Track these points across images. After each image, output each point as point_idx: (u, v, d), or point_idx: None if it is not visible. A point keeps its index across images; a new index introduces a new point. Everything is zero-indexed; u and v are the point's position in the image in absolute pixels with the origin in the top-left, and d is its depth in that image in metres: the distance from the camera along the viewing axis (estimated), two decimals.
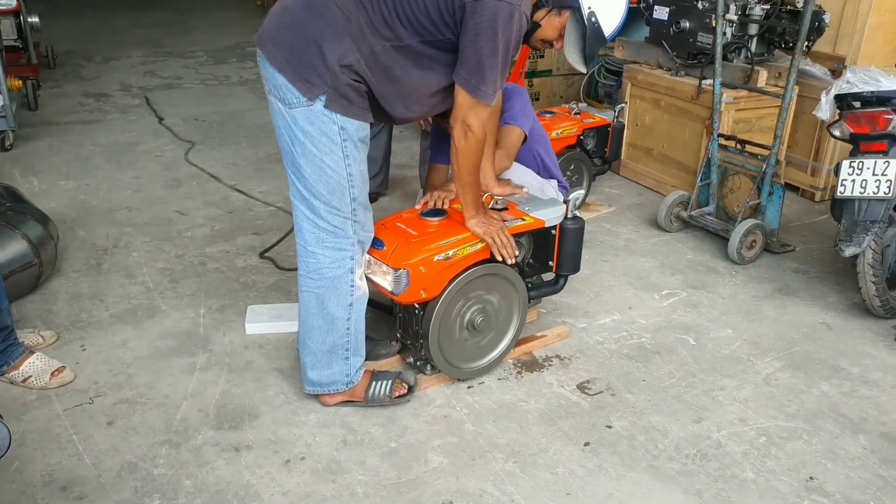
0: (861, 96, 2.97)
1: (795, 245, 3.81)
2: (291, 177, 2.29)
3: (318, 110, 2.16)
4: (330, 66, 2.12)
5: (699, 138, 4.15)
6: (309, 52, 2.12)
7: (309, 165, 2.22)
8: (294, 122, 2.19)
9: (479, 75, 2.16)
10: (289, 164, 2.28)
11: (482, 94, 2.19)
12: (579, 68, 2.46)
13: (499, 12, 2.09)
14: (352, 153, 2.23)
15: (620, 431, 2.46)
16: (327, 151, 2.20)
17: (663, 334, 3.03)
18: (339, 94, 2.15)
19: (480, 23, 2.10)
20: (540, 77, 5.49)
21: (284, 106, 2.19)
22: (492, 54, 2.14)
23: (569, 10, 2.32)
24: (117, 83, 6.80)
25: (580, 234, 2.69)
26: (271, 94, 2.23)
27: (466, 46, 2.15)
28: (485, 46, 2.13)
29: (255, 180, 4.56)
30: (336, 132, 2.19)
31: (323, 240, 2.30)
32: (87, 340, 2.89)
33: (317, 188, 2.23)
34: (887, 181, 2.89)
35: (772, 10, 3.91)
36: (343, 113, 2.18)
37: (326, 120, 2.17)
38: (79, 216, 3.98)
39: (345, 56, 2.13)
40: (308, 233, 2.31)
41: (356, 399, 2.51)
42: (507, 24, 2.12)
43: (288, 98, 2.17)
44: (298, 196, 2.29)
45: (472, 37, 2.12)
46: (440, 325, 2.50)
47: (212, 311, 3.12)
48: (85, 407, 2.51)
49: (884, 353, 2.94)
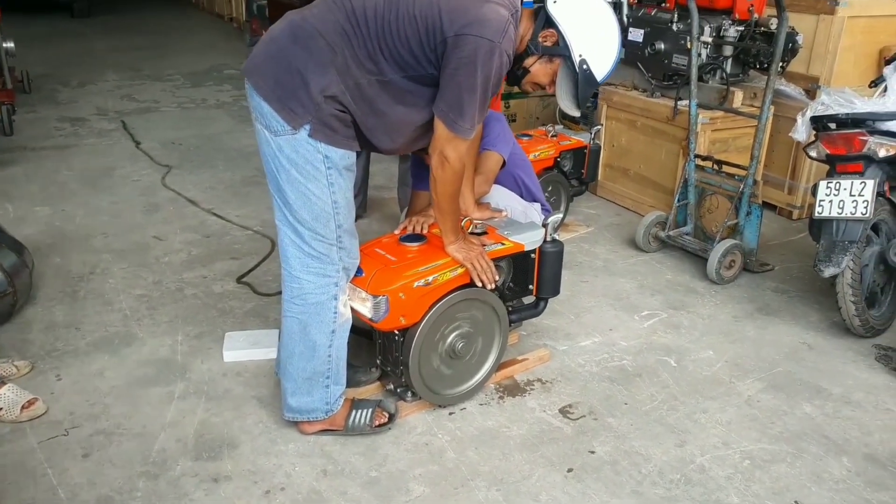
0: (836, 118, 3.00)
1: (774, 264, 3.83)
2: (277, 202, 2.29)
3: (302, 139, 2.16)
4: (313, 97, 2.14)
5: (676, 159, 4.18)
6: (293, 83, 2.14)
7: (294, 192, 2.22)
8: (279, 150, 2.20)
9: (458, 110, 2.17)
10: (274, 189, 2.28)
11: (459, 129, 2.19)
12: (572, 113, 2.43)
13: (479, 48, 2.10)
14: (336, 181, 2.23)
15: (604, 456, 2.44)
16: (312, 179, 2.20)
17: (644, 356, 3.03)
18: (322, 124, 2.16)
19: (461, 58, 2.10)
20: (516, 99, 5.51)
21: (270, 133, 2.20)
22: (471, 90, 2.14)
23: (559, 57, 2.32)
24: (93, 107, 6.75)
25: (560, 258, 2.68)
26: (258, 121, 2.24)
27: (446, 80, 2.16)
28: (464, 81, 2.13)
29: (233, 204, 4.52)
30: (320, 160, 2.19)
31: (308, 265, 2.30)
32: (63, 370, 2.83)
33: (301, 214, 2.24)
34: (864, 202, 2.91)
35: (746, 31, 3.96)
36: (327, 142, 2.18)
37: (311, 148, 2.17)
38: (55, 243, 3.92)
39: (328, 88, 2.14)
40: (293, 258, 2.31)
41: (336, 428, 2.48)
42: (488, 61, 2.12)
43: (273, 126, 2.18)
44: (284, 221, 2.29)
45: (452, 71, 2.13)
46: (420, 352, 2.48)
47: (189, 338, 3.08)
48: (60, 439, 2.46)
49: (865, 374, 2.95)
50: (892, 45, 4.19)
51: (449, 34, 2.10)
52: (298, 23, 2.20)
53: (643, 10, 4.38)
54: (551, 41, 2.30)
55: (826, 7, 4.13)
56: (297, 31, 2.18)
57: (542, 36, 2.30)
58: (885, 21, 4.27)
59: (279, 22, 2.27)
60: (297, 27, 2.19)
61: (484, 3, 2.13)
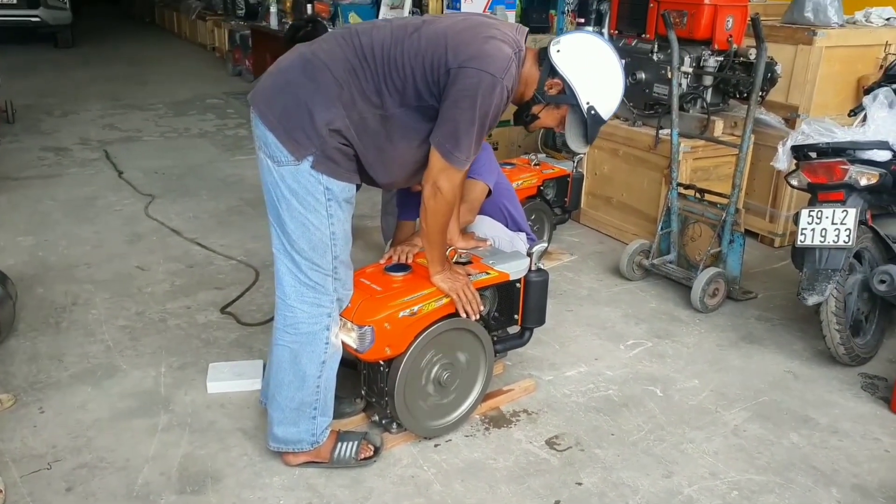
0: (817, 147, 3.03)
1: (758, 292, 3.85)
2: (276, 230, 2.31)
3: (304, 170, 2.19)
4: (318, 129, 2.16)
5: (658, 187, 4.21)
6: (299, 114, 2.17)
7: (293, 222, 2.24)
8: (281, 179, 2.22)
9: (454, 141, 2.19)
10: (274, 218, 2.30)
11: (455, 160, 2.22)
12: (581, 150, 2.53)
13: (482, 82, 2.13)
14: (336, 213, 2.26)
15: (591, 488, 2.43)
16: (312, 210, 2.22)
17: (630, 386, 3.02)
18: (326, 157, 2.19)
19: (462, 89, 2.14)
20: (498, 127, 5.53)
21: (273, 163, 2.22)
22: (469, 122, 2.17)
23: (567, 104, 2.36)
24: (77, 137, 6.73)
25: (545, 287, 2.68)
26: (261, 150, 2.26)
27: (446, 111, 2.19)
28: (463, 113, 2.16)
29: (217, 233, 4.50)
30: (321, 192, 2.22)
31: (303, 294, 2.30)
32: (46, 402, 2.80)
33: (299, 244, 2.26)
34: (846, 230, 2.94)
35: (725, 61, 4.01)
36: (329, 174, 2.21)
37: (312, 180, 2.20)
38: (37, 273, 3.89)
39: (333, 121, 2.17)
40: (289, 286, 2.32)
41: (321, 460, 2.46)
42: (488, 95, 2.15)
43: (277, 156, 2.20)
44: (281, 249, 2.31)
45: (452, 102, 2.17)
46: (406, 383, 2.46)
47: (173, 369, 3.04)
48: (43, 473, 2.43)
49: (851, 402, 2.95)
50: (869, 74, 4.26)
51: (452, 66, 2.14)
52: (308, 56, 2.24)
53: (623, 40, 4.44)
54: (556, 90, 2.34)
55: (804, 38, 4.20)
56: (307, 64, 2.22)
57: (548, 85, 2.33)
58: (862, 51, 4.34)
59: (289, 53, 2.32)
60: (306, 61, 2.23)
61: (489, 39, 2.18)
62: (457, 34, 2.20)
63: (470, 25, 2.25)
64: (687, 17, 3.99)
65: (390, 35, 2.23)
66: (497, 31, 2.23)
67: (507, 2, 5.28)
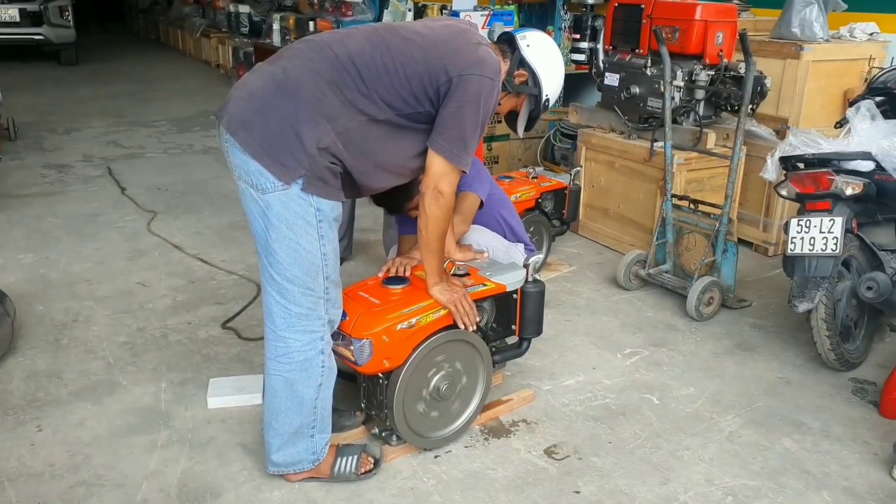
0: (804, 158, 3.09)
1: (752, 300, 3.90)
2: (264, 262, 2.28)
3: (294, 193, 2.17)
4: (308, 150, 2.15)
5: (653, 198, 4.26)
6: (285, 137, 2.14)
7: (283, 249, 2.21)
8: (268, 208, 2.19)
9: (461, 144, 2.27)
10: (262, 249, 2.27)
11: (462, 162, 2.29)
12: (519, 133, 2.73)
13: (483, 86, 2.25)
14: (326, 233, 2.25)
15: (589, 497, 2.46)
16: (303, 233, 2.21)
17: (627, 394, 3.06)
18: (316, 177, 2.18)
19: (465, 96, 2.23)
20: (498, 141, 5.62)
21: (257, 192, 2.19)
22: (474, 125, 2.27)
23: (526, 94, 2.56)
24: (79, 154, 6.78)
25: (541, 298, 2.72)
26: (242, 180, 2.22)
27: (448, 117, 2.25)
28: (468, 118, 2.25)
29: (219, 248, 4.55)
30: (312, 213, 2.20)
31: (293, 324, 2.29)
32: (44, 420, 2.81)
33: (292, 271, 2.23)
34: (834, 238, 2.98)
35: (716, 75, 4.08)
36: (319, 194, 2.20)
37: (303, 202, 2.18)
38: (38, 290, 3.92)
39: (322, 139, 2.16)
40: (278, 317, 2.30)
41: (321, 476, 2.47)
42: (489, 98, 2.28)
43: (261, 184, 2.17)
44: (271, 281, 2.28)
45: (456, 109, 2.24)
46: (405, 395, 2.49)
47: (173, 385, 3.07)
48: (40, 492, 2.43)
49: (842, 407, 2.99)
50: (855, 87, 4.34)
51: (453, 73, 2.23)
52: (280, 76, 2.20)
53: (618, 55, 4.52)
54: (521, 80, 2.55)
55: (791, 52, 4.28)
56: (281, 84, 2.18)
57: (515, 75, 2.52)
58: (847, 65, 4.43)
59: (252, 75, 2.28)
60: (279, 80, 2.19)
61: (478, 45, 2.31)
62: (446, 42, 2.29)
63: (456, 32, 2.35)
64: (679, 33, 4.06)
65: (367, 43, 2.26)
66: (478, 35, 2.39)
67: (504, 19, 5.35)
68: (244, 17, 10.59)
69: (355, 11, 7.47)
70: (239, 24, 10.80)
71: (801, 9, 4.33)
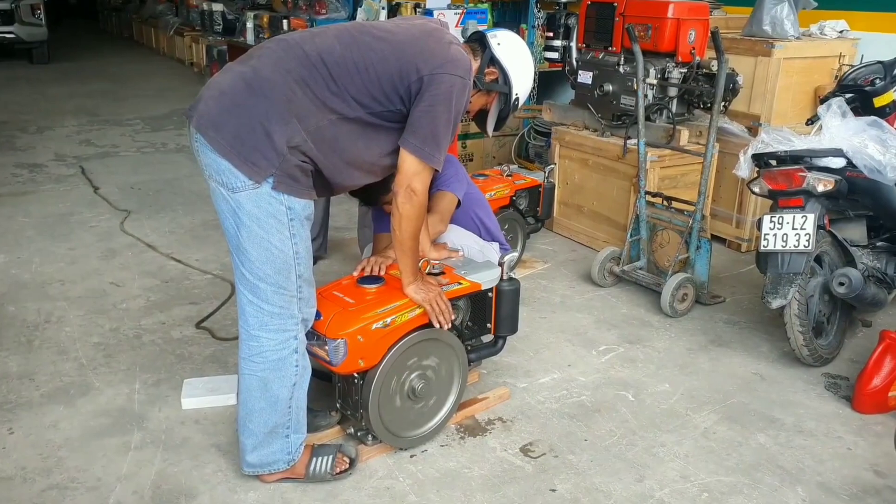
0: (776, 155, 3.12)
1: (725, 296, 3.93)
2: (236, 261, 2.28)
3: (265, 192, 2.16)
4: (278, 149, 2.15)
5: (627, 195, 4.29)
6: (255, 136, 2.14)
7: (255, 248, 2.21)
8: (239, 207, 2.19)
9: (434, 142, 2.27)
10: (234, 248, 2.27)
11: (434, 160, 2.29)
12: (489, 132, 2.74)
13: (454, 85, 2.25)
14: (298, 231, 2.25)
15: (565, 494, 2.47)
16: (274, 232, 2.20)
17: (602, 391, 3.07)
18: (286, 175, 2.17)
19: (437, 94, 2.23)
20: (473, 139, 5.62)
21: (228, 191, 2.18)
22: (446, 123, 2.27)
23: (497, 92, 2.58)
24: (52, 153, 6.70)
25: (516, 296, 2.73)
26: (212, 179, 2.22)
27: (420, 116, 2.25)
28: (440, 116, 2.25)
29: (192, 248, 4.51)
30: (283, 212, 2.20)
31: (266, 323, 2.29)
32: (16, 423, 2.78)
33: (264, 270, 2.23)
34: (806, 235, 3.02)
35: (689, 73, 4.11)
36: (290, 193, 2.19)
37: (274, 201, 2.18)
38: (9, 291, 3.87)
39: (293, 137, 2.16)
40: (251, 316, 2.30)
41: (296, 476, 2.47)
42: (460, 96, 2.29)
43: (232, 183, 2.16)
44: (243, 280, 2.28)
45: (428, 107, 2.24)
46: (380, 394, 2.49)
47: (147, 385, 3.04)
48: (11, 496, 2.40)
49: (815, 402, 3.03)
50: (826, 84, 4.39)
51: (425, 72, 2.23)
52: (249, 75, 2.20)
53: (591, 53, 4.54)
54: (492, 78, 2.56)
55: (763, 49, 4.33)
56: (250, 83, 2.18)
57: (486, 73, 2.54)
58: (819, 62, 4.48)
59: (222, 75, 2.27)
60: (249, 79, 2.19)
61: (449, 44, 2.32)
62: (417, 41, 2.29)
63: (428, 31, 2.35)
64: (651, 31, 4.10)
65: (337, 41, 2.26)
66: (449, 34, 2.40)
67: (478, 17, 5.35)
68: (218, 16, 10.50)
69: (329, 9, 7.44)
70: (213, 23, 10.73)
71: (772, 6, 4.38)
